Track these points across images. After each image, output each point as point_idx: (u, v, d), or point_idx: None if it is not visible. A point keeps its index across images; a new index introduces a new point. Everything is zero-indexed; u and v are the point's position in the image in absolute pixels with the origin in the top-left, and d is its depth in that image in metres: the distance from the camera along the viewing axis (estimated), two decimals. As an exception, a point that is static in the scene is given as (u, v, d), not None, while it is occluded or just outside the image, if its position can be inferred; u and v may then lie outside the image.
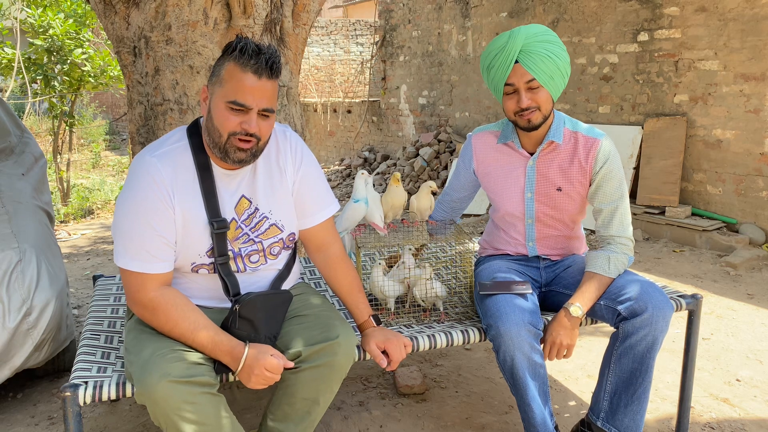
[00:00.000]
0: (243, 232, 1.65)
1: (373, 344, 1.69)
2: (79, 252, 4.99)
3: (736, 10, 4.49)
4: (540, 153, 1.96)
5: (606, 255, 1.86)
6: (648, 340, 1.74)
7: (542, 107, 1.84)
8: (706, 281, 3.93)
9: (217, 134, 1.53)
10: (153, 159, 1.55)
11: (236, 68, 1.49)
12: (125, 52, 2.65)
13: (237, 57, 1.49)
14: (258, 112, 1.52)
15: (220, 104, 1.51)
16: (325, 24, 12.75)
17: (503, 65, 1.83)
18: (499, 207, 2.07)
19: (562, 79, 1.87)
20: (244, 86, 1.48)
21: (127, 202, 1.54)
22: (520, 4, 6.47)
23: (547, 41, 1.83)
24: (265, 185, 1.68)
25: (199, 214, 1.58)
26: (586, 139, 1.93)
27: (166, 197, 1.54)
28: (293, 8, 2.78)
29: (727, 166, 4.68)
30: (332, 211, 1.82)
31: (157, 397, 1.39)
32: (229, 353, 1.51)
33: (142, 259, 1.52)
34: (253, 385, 1.52)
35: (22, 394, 2.49)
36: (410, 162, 7.56)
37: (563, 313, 1.81)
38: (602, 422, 1.84)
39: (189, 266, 1.62)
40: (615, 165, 1.90)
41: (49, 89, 7.09)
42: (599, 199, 1.92)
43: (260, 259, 1.70)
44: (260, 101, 1.51)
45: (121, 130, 15.18)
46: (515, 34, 1.82)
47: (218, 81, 1.52)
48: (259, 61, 1.49)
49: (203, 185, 1.58)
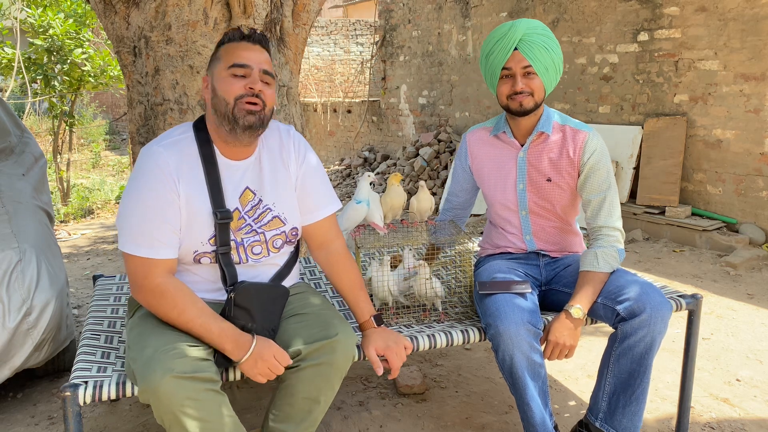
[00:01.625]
0: (246, 222, 1.67)
1: (372, 349, 1.69)
2: (79, 252, 4.99)
3: (736, 10, 4.49)
4: (530, 144, 2.02)
5: (593, 252, 1.90)
6: (646, 341, 1.74)
7: (535, 94, 1.93)
8: (706, 281, 3.93)
9: (223, 104, 1.57)
10: (159, 148, 1.59)
11: (231, 45, 1.61)
12: (125, 52, 2.65)
13: (231, 39, 1.62)
14: (260, 76, 1.58)
15: (222, 74, 1.59)
16: (325, 24, 12.75)
17: (503, 51, 1.92)
18: (494, 200, 2.11)
19: (556, 73, 1.97)
20: (241, 51, 1.59)
21: (133, 190, 1.57)
22: (520, 4, 6.47)
23: (545, 35, 1.93)
24: (270, 178, 1.70)
25: (203, 204, 1.60)
26: (575, 132, 1.99)
27: (171, 184, 1.56)
28: (293, 8, 2.78)
29: (727, 166, 4.68)
30: (335, 208, 1.83)
31: (161, 392, 1.39)
32: (234, 341, 1.52)
33: (148, 245, 1.54)
34: (257, 374, 1.53)
35: (22, 394, 2.49)
36: (410, 162, 7.56)
37: (564, 315, 1.82)
38: (600, 423, 1.85)
39: (191, 255, 1.63)
40: (602, 157, 1.96)
41: (49, 89, 7.09)
42: (587, 190, 1.97)
43: (263, 250, 1.71)
44: (259, 63, 1.59)
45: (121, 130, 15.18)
46: (517, 25, 1.92)
47: (216, 60, 1.62)
48: (248, 35, 1.62)
49: (208, 175, 1.61)
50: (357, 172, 8.75)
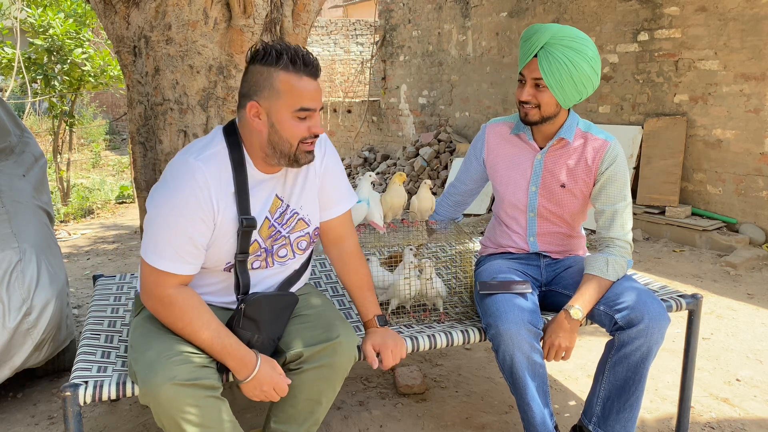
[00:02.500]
0: (276, 230, 1.66)
1: (369, 345, 1.69)
2: (79, 252, 4.99)
3: (736, 10, 4.49)
4: (549, 148, 1.98)
5: (605, 258, 1.86)
6: (643, 350, 1.74)
7: (542, 107, 1.86)
8: (706, 281, 3.93)
9: (287, 145, 1.55)
10: (198, 163, 1.52)
11: (292, 77, 1.50)
12: (125, 52, 2.65)
13: (288, 67, 1.50)
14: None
15: (285, 115, 1.52)
16: (325, 24, 12.75)
17: (524, 55, 1.86)
18: (504, 198, 2.08)
19: (575, 89, 1.84)
20: (308, 93, 1.52)
21: (166, 202, 1.51)
22: (520, 3, 6.47)
23: (570, 48, 1.80)
24: (297, 183, 1.70)
25: (233, 215, 1.57)
26: (596, 140, 1.94)
27: (208, 205, 1.52)
28: (293, 8, 2.77)
29: (727, 166, 4.68)
30: (351, 203, 1.83)
31: (162, 399, 1.39)
32: (240, 360, 1.51)
33: (169, 259, 1.50)
34: (253, 396, 1.54)
35: (22, 394, 2.49)
36: (410, 162, 7.56)
37: (563, 315, 1.81)
38: (594, 427, 1.85)
39: (223, 265, 1.62)
40: (621, 168, 1.92)
41: (49, 89, 7.09)
42: (602, 200, 1.93)
43: (288, 253, 1.71)
44: (319, 102, 1.56)
45: (121, 129, 15.18)
46: (543, 30, 1.82)
47: (275, 94, 1.51)
48: (310, 66, 1.52)
49: (238, 189, 1.58)
50: (357, 172, 8.75)
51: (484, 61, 7.11)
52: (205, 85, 2.56)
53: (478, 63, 7.19)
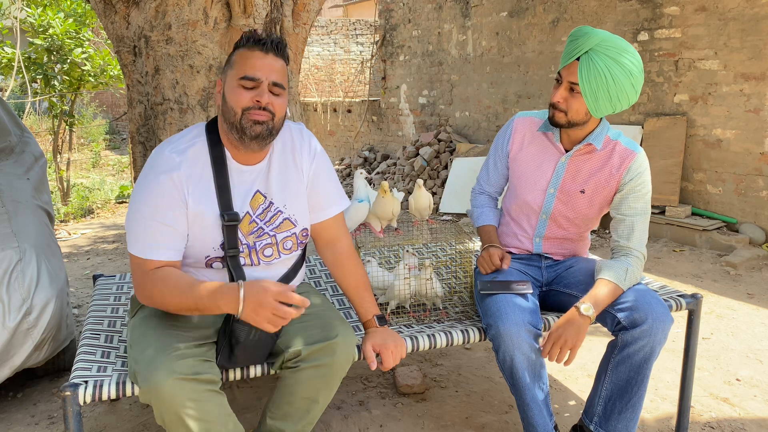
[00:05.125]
0: (258, 226, 1.67)
1: (369, 345, 1.69)
2: (79, 252, 4.99)
3: (736, 10, 4.49)
4: (575, 153, 1.95)
5: (624, 267, 1.83)
6: (646, 350, 1.74)
7: (570, 112, 1.84)
8: (706, 281, 3.93)
9: (231, 113, 1.56)
10: (172, 154, 1.58)
11: (244, 50, 1.59)
12: (125, 52, 2.65)
13: (244, 43, 1.60)
14: (269, 88, 1.57)
15: (233, 83, 1.57)
16: (325, 23, 12.74)
17: (567, 55, 1.83)
18: (518, 194, 2.05)
19: (609, 102, 1.81)
20: (253, 62, 1.56)
21: (141, 191, 1.57)
22: (520, 3, 6.47)
23: (614, 59, 1.76)
24: (280, 180, 1.70)
25: (213, 208, 1.60)
26: (624, 150, 1.92)
27: (179, 193, 1.56)
28: (293, 7, 2.78)
29: (727, 166, 4.68)
30: (343, 206, 1.83)
31: (164, 394, 1.40)
32: (226, 298, 1.47)
33: (149, 247, 1.54)
34: (263, 323, 1.45)
35: (22, 394, 2.49)
36: (410, 161, 7.56)
37: (574, 311, 1.77)
38: (595, 426, 1.85)
39: (203, 259, 1.63)
40: (645, 180, 1.90)
41: (49, 89, 7.09)
42: (623, 209, 1.91)
43: (273, 252, 1.71)
44: (269, 74, 1.57)
45: (121, 129, 15.18)
46: (592, 34, 1.78)
47: (229, 66, 1.60)
48: (264, 41, 1.59)
49: (217, 179, 1.60)
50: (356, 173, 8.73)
51: (484, 60, 7.11)
52: (205, 84, 2.56)
53: (478, 63, 7.19)
